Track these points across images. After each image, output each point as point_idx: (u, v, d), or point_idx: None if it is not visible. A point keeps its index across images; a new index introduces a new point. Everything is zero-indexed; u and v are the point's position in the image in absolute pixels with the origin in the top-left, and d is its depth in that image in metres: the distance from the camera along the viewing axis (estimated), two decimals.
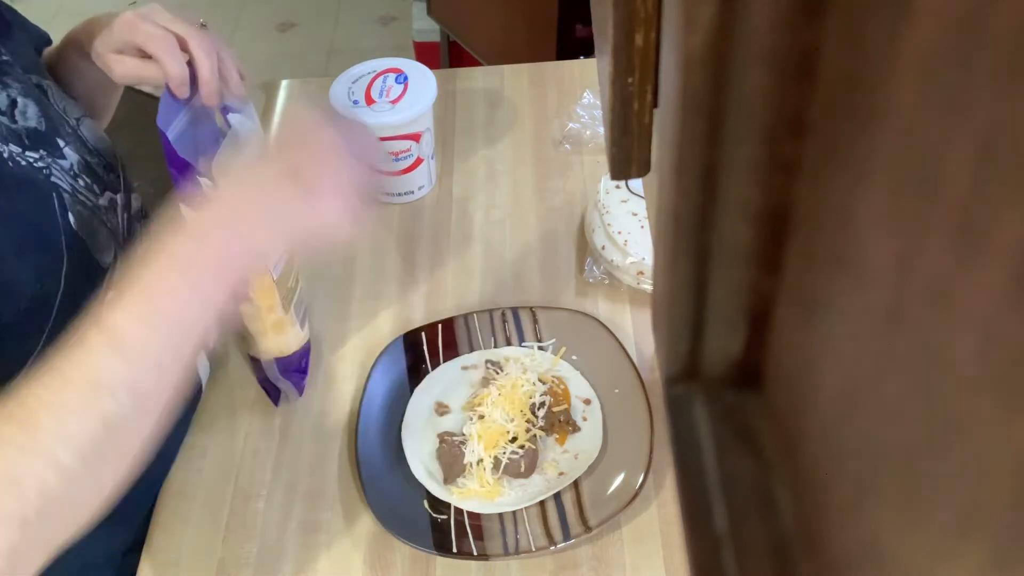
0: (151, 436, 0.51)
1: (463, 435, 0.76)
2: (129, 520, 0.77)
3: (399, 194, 0.99)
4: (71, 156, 0.67)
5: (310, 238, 0.56)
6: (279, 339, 0.78)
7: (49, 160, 0.64)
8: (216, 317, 0.51)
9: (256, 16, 2.81)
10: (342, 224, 0.55)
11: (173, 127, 0.63)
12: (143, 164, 0.63)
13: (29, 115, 0.65)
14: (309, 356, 0.84)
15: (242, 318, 0.76)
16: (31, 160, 0.63)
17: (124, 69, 0.67)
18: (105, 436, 0.47)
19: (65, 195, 0.64)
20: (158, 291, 0.49)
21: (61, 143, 0.67)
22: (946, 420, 0.15)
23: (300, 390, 0.82)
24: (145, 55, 0.67)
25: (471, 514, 0.72)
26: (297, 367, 0.82)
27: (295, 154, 0.56)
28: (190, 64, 0.66)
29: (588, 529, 0.70)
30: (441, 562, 0.71)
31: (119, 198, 0.72)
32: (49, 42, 0.79)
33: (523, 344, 0.84)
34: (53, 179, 0.64)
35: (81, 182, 0.67)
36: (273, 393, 0.82)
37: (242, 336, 0.80)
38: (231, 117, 0.69)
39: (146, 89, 0.69)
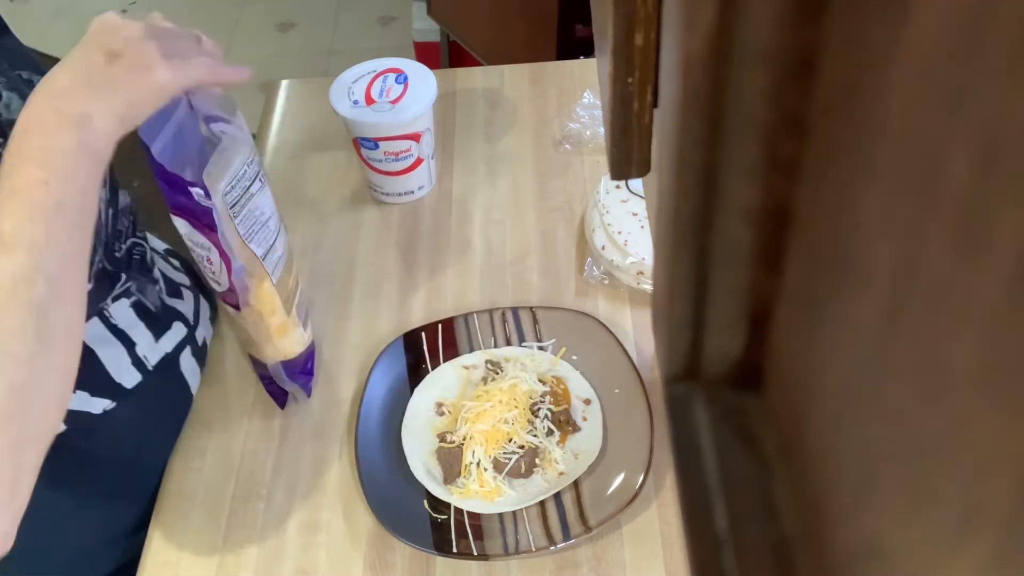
0: (82, 306, 0.54)
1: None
2: (132, 498, 0.77)
3: (399, 194, 0.99)
4: None
5: (141, 103, 0.59)
6: (283, 342, 0.78)
7: None
8: (91, 178, 0.55)
9: (256, 16, 2.81)
10: (166, 83, 0.59)
11: (158, 140, 0.63)
12: (141, 163, 0.63)
13: (13, 109, 0.66)
14: (314, 357, 0.84)
15: (245, 324, 0.76)
16: None
17: None
18: (41, 320, 0.50)
19: None
20: (25, 187, 0.52)
21: None
22: (946, 420, 0.15)
23: (308, 391, 0.82)
24: None
25: (471, 514, 0.72)
26: (303, 369, 0.82)
27: (106, 39, 0.59)
28: None
29: (588, 529, 0.70)
30: (441, 562, 0.71)
31: (104, 192, 0.72)
32: None
33: (523, 344, 0.84)
34: None
35: None
36: (279, 396, 0.81)
37: (245, 339, 0.80)
38: (215, 127, 0.69)
39: None
